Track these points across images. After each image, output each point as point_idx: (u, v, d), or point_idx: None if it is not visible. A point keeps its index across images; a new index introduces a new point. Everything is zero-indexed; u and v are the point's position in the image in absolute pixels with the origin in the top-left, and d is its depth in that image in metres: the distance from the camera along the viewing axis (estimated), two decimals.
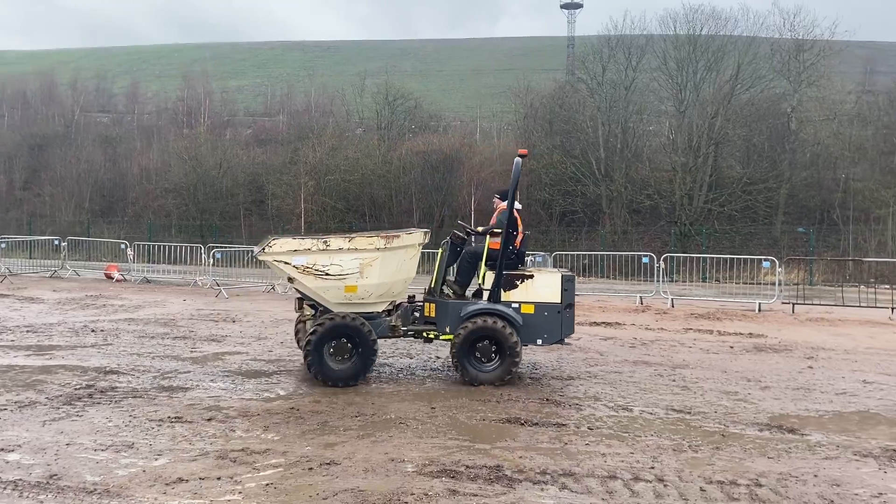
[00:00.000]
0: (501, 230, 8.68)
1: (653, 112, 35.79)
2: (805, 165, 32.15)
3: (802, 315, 15.86)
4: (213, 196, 39.44)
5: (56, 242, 25.55)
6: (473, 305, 8.65)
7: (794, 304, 16.77)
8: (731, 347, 11.71)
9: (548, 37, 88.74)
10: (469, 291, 9.14)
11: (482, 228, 9.30)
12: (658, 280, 18.38)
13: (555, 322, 8.55)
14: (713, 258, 21.11)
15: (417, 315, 9.10)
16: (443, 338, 8.77)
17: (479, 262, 8.85)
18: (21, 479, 5.27)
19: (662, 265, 18.29)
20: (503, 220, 8.75)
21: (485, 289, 8.71)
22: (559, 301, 8.53)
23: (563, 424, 6.96)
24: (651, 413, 7.47)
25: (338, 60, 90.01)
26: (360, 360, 8.41)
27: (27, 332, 12.03)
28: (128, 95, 69.39)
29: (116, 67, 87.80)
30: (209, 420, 6.91)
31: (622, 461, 5.91)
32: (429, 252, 13.16)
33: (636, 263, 20.61)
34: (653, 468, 5.74)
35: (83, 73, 73.34)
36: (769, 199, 31.31)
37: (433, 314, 8.87)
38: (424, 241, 8.96)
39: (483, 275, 8.77)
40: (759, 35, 35.88)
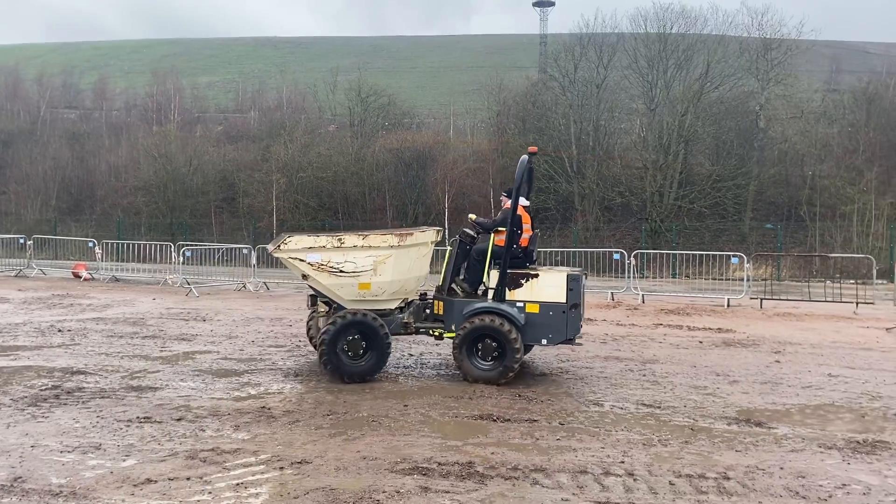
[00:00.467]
0: (506, 228, 8.58)
1: (624, 110, 36.09)
2: (773, 162, 32.63)
3: (770, 310, 16.11)
4: (184, 194, 38.97)
5: (21, 241, 25.06)
6: (475, 304, 8.59)
7: (762, 300, 17.04)
8: (701, 342, 11.86)
9: (520, 34, 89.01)
10: (480, 289, 9.03)
11: (477, 217, 9.17)
12: (629, 276, 18.55)
13: (560, 322, 8.40)
14: (683, 254, 21.35)
15: (429, 312, 9.08)
16: (447, 335, 8.73)
17: (486, 261, 8.75)
18: None
19: (633, 261, 18.46)
20: (507, 218, 8.63)
21: (489, 287, 8.62)
22: (564, 301, 8.37)
23: (535, 420, 7.00)
24: (622, 408, 7.54)
25: (310, 57, 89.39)
26: (374, 357, 8.49)
27: None
28: (95, 91, 68.16)
29: (84, 63, 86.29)
30: (179, 420, 6.83)
31: (593, 456, 5.96)
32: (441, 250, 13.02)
33: (607, 260, 20.78)
34: (623, 462, 5.80)
35: (49, 69, 71.96)
36: (738, 196, 31.74)
37: (441, 312, 8.86)
38: (437, 239, 8.99)
39: (488, 273, 8.68)
40: (728, 34, 36.38)
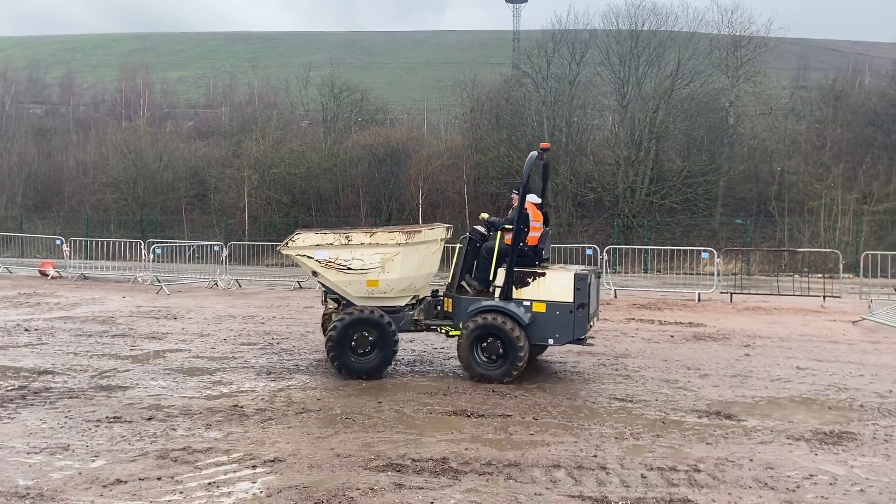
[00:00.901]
0: (512, 225, 8.50)
1: (596, 106, 36.26)
2: (742, 158, 33.03)
3: (740, 304, 16.34)
4: (154, 190, 38.43)
5: None
6: (479, 302, 8.53)
7: (732, 294, 17.28)
8: (672, 337, 11.99)
9: (493, 30, 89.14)
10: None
11: (489, 217, 9.12)
12: (601, 271, 18.68)
13: (567, 321, 8.27)
14: (655, 250, 21.57)
15: (440, 309, 9.03)
16: (452, 333, 8.68)
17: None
18: None
19: (606, 257, 18.62)
20: (514, 216, 8.57)
21: (496, 286, 8.54)
22: (572, 300, 8.25)
23: (509, 415, 7.03)
24: (594, 402, 7.60)
25: (282, 52, 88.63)
26: (382, 354, 8.49)
27: None
28: (62, 86, 66.92)
29: (49, 57, 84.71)
30: (149, 419, 6.75)
31: (566, 450, 6.00)
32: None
33: (580, 255, 20.91)
34: (595, 456, 5.85)
35: (14, 63, 70.46)
36: (708, 192, 32.10)
37: (451, 309, 8.82)
38: (446, 237, 8.96)
39: (495, 271, 8.60)
40: (699, 31, 36.68)
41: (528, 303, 8.36)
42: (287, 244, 8.71)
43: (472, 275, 8.95)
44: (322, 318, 10.02)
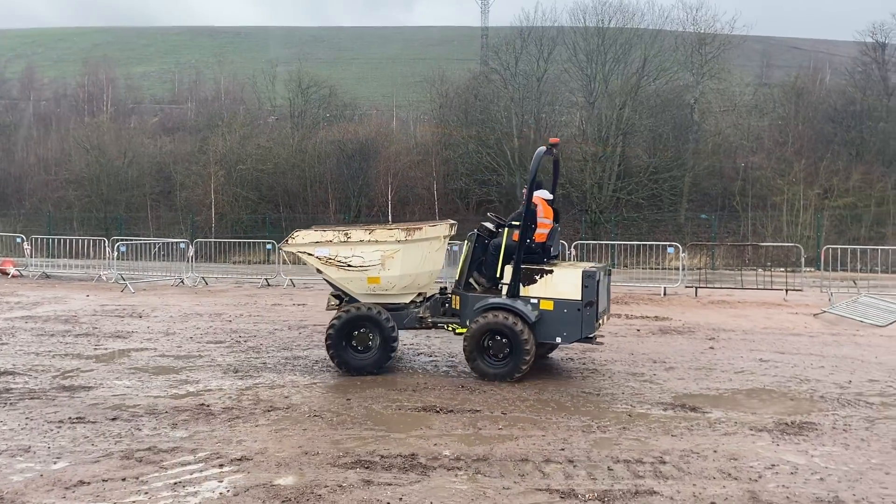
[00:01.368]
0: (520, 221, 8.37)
1: (564, 103, 36.50)
2: (707, 155, 33.51)
3: (705, 298, 16.58)
4: (118, 187, 37.82)
5: None
6: (485, 300, 8.41)
7: (697, 288, 17.53)
8: (638, 330, 12.14)
9: (462, 27, 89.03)
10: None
11: (512, 217, 8.95)
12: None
13: (574, 319, 8.11)
14: (621, 245, 21.78)
15: (447, 307, 8.95)
16: (459, 331, 8.58)
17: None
18: None
19: (574, 252, 18.76)
20: (522, 212, 8.42)
21: (503, 283, 8.42)
22: (579, 298, 8.09)
23: (477, 410, 7.06)
24: (562, 396, 7.66)
25: (248, 47, 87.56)
26: (380, 351, 8.46)
27: None
28: (22, 81, 65.39)
29: (9, 51, 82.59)
30: (113, 419, 6.65)
31: (534, 444, 6.04)
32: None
33: None
34: (563, 450, 5.90)
35: None
36: (674, 188, 32.53)
37: (458, 306, 8.72)
38: (450, 234, 8.90)
39: (501, 268, 8.49)
40: (664, 28, 37.18)
41: (536, 300, 8.22)
42: (287, 241, 8.75)
43: (480, 272, 8.84)
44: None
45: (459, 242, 10.74)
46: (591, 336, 8.20)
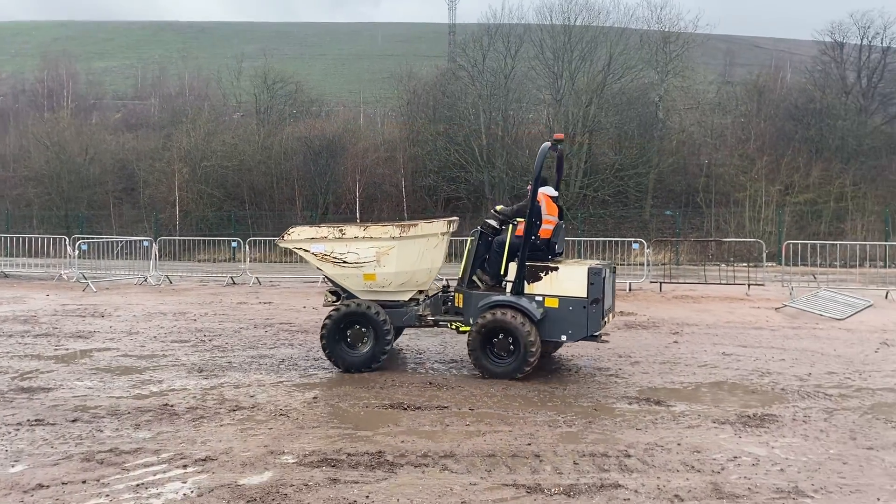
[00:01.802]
0: (523, 219, 8.24)
1: (531, 100, 36.67)
2: (671, 152, 33.93)
3: (669, 293, 16.81)
4: (79, 184, 37.09)
5: None
6: (489, 297, 8.29)
7: (662, 283, 17.76)
8: None
9: (429, 23, 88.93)
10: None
11: (502, 207, 8.87)
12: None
13: (580, 317, 7.99)
14: (588, 241, 21.96)
15: (450, 305, 8.83)
16: (462, 329, 8.46)
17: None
18: None
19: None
20: (525, 207, 8.35)
21: (507, 280, 8.31)
22: (585, 295, 7.97)
23: (445, 407, 7.06)
24: (529, 391, 7.70)
25: (213, 42, 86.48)
26: (373, 347, 8.42)
27: None
28: None
29: None
30: (74, 421, 6.52)
31: (501, 440, 6.06)
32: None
33: None
34: (529, 445, 5.93)
35: None
36: (639, 184, 32.89)
37: (461, 304, 8.60)
38: (448, 231, 8.79)
39: (506, 265, 8.39)
40: (629, 27, 37.52)
41: (541, 298, 8.10)
42: (283, 237, 8.75)
43: (484, 269, 8.73)
44: None
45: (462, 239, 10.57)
46: (597, 334, 8.11)
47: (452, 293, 8.89)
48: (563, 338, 8.22)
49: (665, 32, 35.46)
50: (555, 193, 8.88)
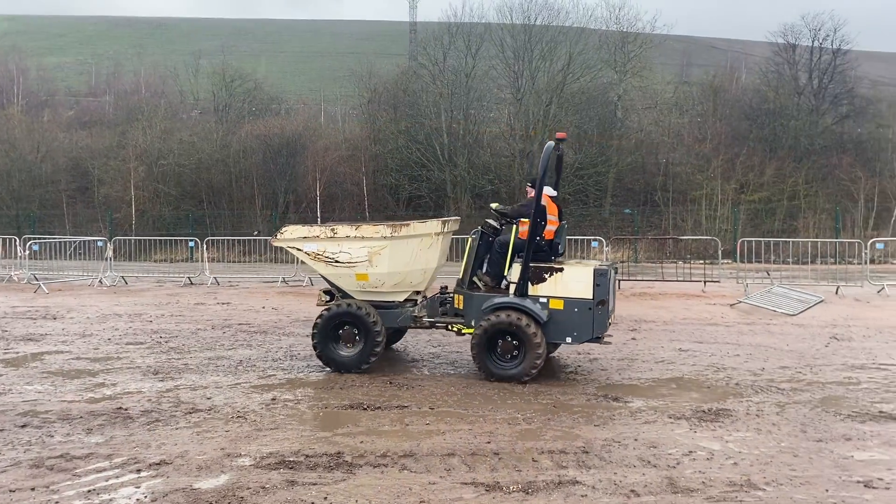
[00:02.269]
0: (528, 219, 8.04)
1: (492, 99, 36.76)
2: (630, 151, 34.33)
3: (627, 290, 17.00)
4: (31, 183, 36.08)
5: None
6: (494, 299, 8.12)
7: (620, 281, 17.92)
8: None
9: (390, 21, 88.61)
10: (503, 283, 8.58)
11: (499, 206, 8.73)
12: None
13: (586, 319, 7.86)
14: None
15: (448, 306, 8.68)
16: (465, 331, 8.31)
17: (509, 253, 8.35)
18: None
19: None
20: (526, 208, 8.21)
21: (511, 281, 8.14)
22: (591, 297, 7.85)
23: (405, 406, 7.05)
24: (489, 390, 7.73)
25: (170, 38, 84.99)
26: (364, 348, 8.33)
27: None
28: None
29: None
30: (23, 426, 6.35)
31: (461, 438, 6.07)
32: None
33: None
34: (489, 443, 5.95)
35: None
36: (599, 183, 33.22)
37: (462, 306, 8.43)
38: (443, 230, 8.67)
39: (509, 266, 8.23)
40: (588, 27, 37.82)
41: (545, 299, 7.97)
42: (276, 237, 8.68)
43: (484, 270, 8.60)
44: None
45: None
46: (600, 335, 8.00)
47: (450, 294, 8.77)
48: (568, 340, 8.09)
49: (623, 33, 35.86)
50: (554, 193, 8.84)
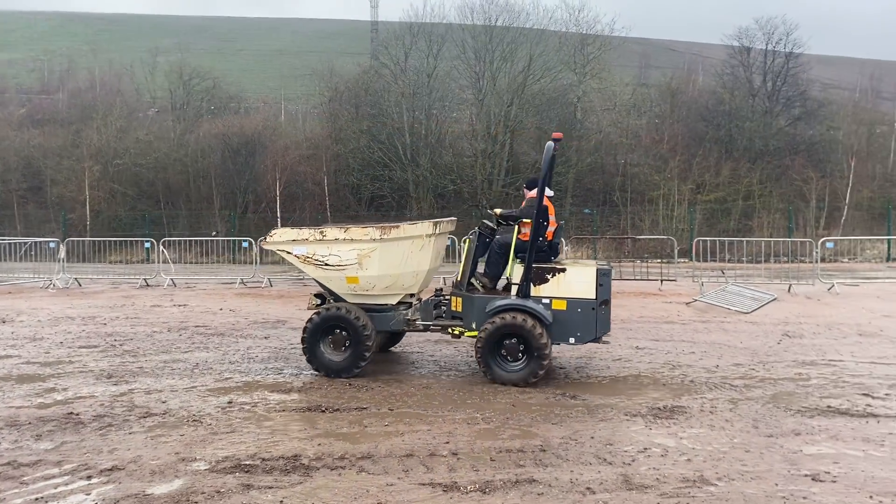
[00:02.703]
0: (531, 219, 7.98)
1: (454, 100, 36.82)
2: (590, 152, 34.67)
3: None
4: None
5: None
6: (499, 301, 8.02)
7: None
8: None
9: (351, 20, 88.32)
10: (500, 284, 8.53)
11: (502, 210, 8.65)
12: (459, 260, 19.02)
13: (589, 319, 7.87)
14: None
15: (444, 309, 8.55)
16: (468, 334, 8.20)
17: (509, 254, 8.28)
18: None
19: (464, 247, 18.96)
20: (532, 209, 8.09)
21: (513, 283, 8.08)
22: (594, 297, 7.86)
23: (364, 408, 7.02)
24: (449, 390, 7.74)
25: (126, 35, 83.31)
26: (354, 353, 8.20)
27: None
28: None
29: None
30: None
31: (419, 439, 6.07)
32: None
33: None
34: (448, 443, 5.96)
35: None
36: (559, 183, 33.47)
37: (460, 308, 8.29)
38: (435, 232, 8.53)
39: (511, 268, 8.18)
40: (549, 28, 38.12)
41: (548, 300, 7.94)
42: (266, 240, 8.54)
43: (484, 271, 8.53)
44: None
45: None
46: (600, 335, 8.03)
47: (445, 297, 8.69)
48: (572, 340, 8.05)
49: (583, 35, 36.21)
50: (551, 193, 8.76)
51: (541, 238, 8.09)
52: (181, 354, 9.68)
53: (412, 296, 8.84)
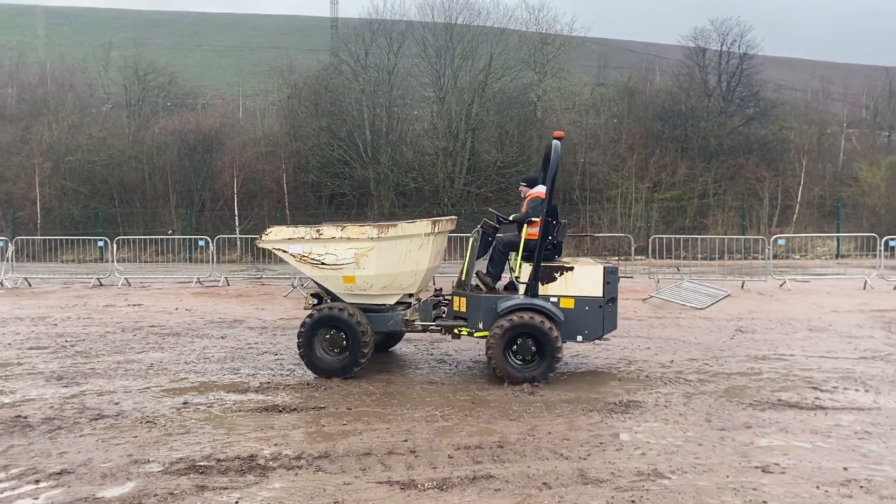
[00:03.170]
0: (538, 219, 7.95)
1: (416, 97, 36.75)
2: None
3: None
4: None
5: None
6: (511, 300, 7.96)
7: None
8: None
9: (311, 16, 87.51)
10: (500, 284, 8.46)
11: (514, 216, 8.56)
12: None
13: (596, 317, 7.93)
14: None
15: (444, 309, 8.43)
16: (477, 335, 8.09)
17: (513, 253, 8.23)
18: None
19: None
20: (537, 208, 8.06)
21: (521, 282, 8.03)
22: (601, 295, 7.92)
23: (322, 407, 6.98)
24: (409, 388, 7.74)
25: (78, 29, 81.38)
26: (351, 353, 8.06)
27: None
28: None
29: None
30: None
31: (378, 437, 6.06)
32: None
33: None
34: (406, 441, 5.96)
35: None
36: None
37: (464, 308, 8.17)
38: (434, 231, 8.39)
39: (519, 267, 8.11)
40: (509, 27, 38.29)
41: (556, 299, 7.95)
42: (262, 238, 8.37)
43: (486, 270, 8.46)
44: None
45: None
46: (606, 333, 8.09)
47: (445, 297, 8.62)
48: (579, 338, 8.10)
49: (543, 34, 36.46)
50: (543, 190, 8.74)
51: (551, 236, 8.14)
52: (135, 355, 9.50)
53: (411, 296, 8.78)
